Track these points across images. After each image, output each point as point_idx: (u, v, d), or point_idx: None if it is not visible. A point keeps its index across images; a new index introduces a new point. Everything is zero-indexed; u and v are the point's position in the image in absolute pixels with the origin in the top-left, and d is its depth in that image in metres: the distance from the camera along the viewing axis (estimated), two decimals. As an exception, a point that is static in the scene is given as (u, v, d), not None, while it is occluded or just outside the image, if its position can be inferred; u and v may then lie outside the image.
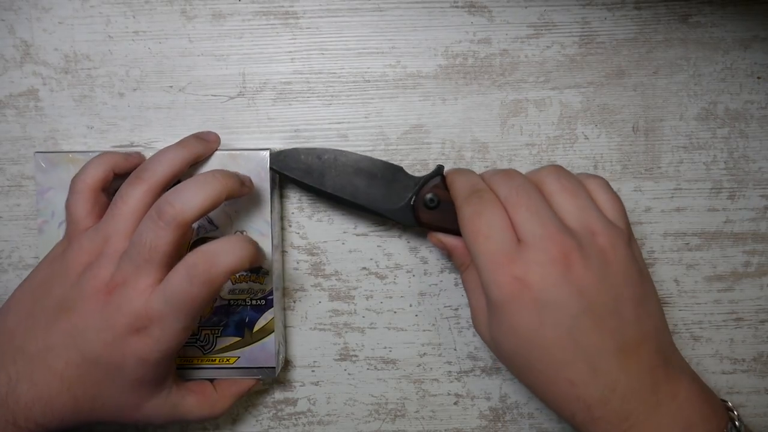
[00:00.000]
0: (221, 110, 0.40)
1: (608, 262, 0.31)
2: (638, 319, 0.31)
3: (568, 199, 0.33)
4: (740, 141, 0.41)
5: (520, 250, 0.31)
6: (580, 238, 0.31)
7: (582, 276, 0.30)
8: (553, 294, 0.30)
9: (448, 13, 0.40)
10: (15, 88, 0.40)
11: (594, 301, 0.30)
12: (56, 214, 0.38)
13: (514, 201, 0.32)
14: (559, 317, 0.30)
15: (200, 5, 0.40)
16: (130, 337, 0.32)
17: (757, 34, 0.40)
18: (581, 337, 0.30)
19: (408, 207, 0.37)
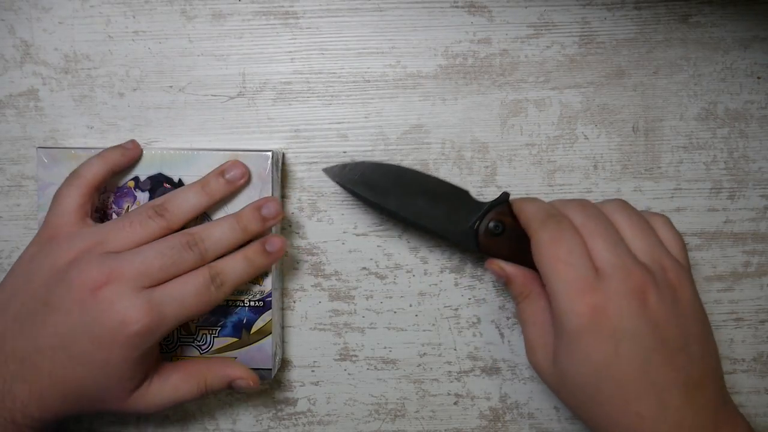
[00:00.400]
0: (221, 110, 0.40)
1: (678, 298, 0.32)
2: (703, 357, 0.32)
3: (638, 234, 0.33)
4: (740, 141, 0.41)
5: (600, 280, 0.31)
6: (653, 273, 0.32)
7: (657, 310, 0.31)
8: (630, 325, 0.31)
9: (448, 13, 0.40)
10: (15, 88, 0.40)
11: (667, 335, 0.31)
12: None
13: (592, 230, 0.32)
14: (635, 349, 0.31)
15: (200, 5, 0.40)
16: (118, 337, 0.32)
17: (757, 34, 0.40)
18: (654, 370, 0.31)
19: (471, 232, 0.36)
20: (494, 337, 0.42)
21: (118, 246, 0.33)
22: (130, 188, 0.38)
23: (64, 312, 0.32)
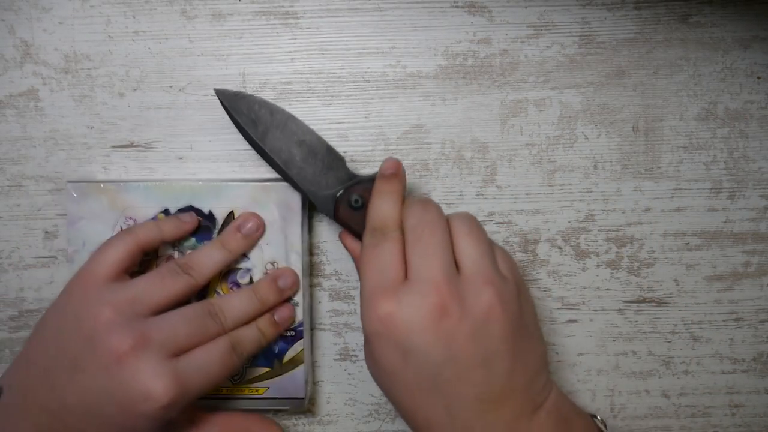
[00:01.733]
0: (221, 110, 0.40)
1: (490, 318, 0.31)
2: (510, 374, 0.31)
3: (472, 243, 0.33)
4: (740, 141, 0.41)
5: (400, 289, 0.31)
6: (465, 288, 0.31)
7: (454, 327, 0.30)
8: (417, 339, 0.30)
9: (448, 13, 0.40)
10: (15, 88, 0.40)
11: (461, 352, 0.30)
12: (87, 244, 0.38)
13: (416, 236, 0.32)
14: (423, 363, 0.31)
15: (200, 5, 0.40)
16: (142, 407, 0.31)
17: (757, 34, 0.40)
18: (443, 384, 0.31)
19: (331, 197, 0.37)
20: (494, 337, 0.42)
21: (149, 302, 0.33)
22: None
23: (91, 375, 0.32)
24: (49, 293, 0.41)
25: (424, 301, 0.30)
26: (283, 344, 0.38)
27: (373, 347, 0.32)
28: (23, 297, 0.41)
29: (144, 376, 0.31)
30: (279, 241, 0.38)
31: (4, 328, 0.41)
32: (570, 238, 0.41)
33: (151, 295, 0.33)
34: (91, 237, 0.37)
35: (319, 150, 0.37)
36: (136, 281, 0.34)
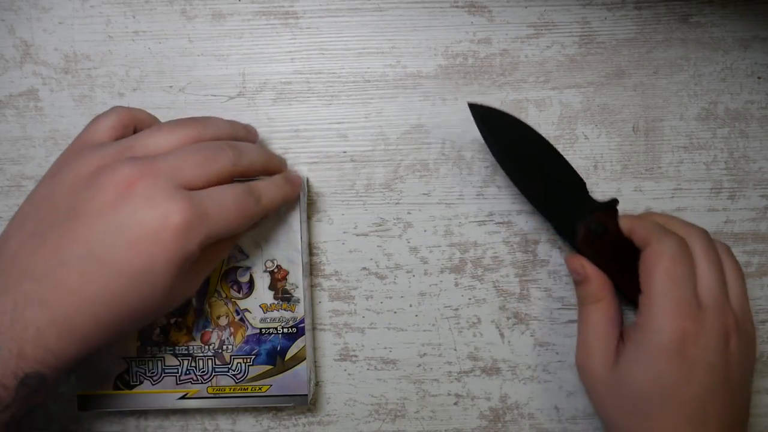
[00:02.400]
0: (221, 110, 0.40)
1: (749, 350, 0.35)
2: (745, 403, 0.35)
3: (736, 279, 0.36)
4: (740, 141, 0.41)
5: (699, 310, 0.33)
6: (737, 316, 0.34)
7: (732, 356, 0.33)
8: (711, 359, 0.33)
9: (448, 13, 0.40)
10: (15, 88, 0.40)
11: (732, 379, 0.33)
12: None
13: (710, 261, 0.34)
14: (707, 380, 0.33)
15: (200, 5, 0.40)
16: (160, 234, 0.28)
17: (757, 34, 0.40)
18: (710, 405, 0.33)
19: (572, 225, 0.37)
20: (494, 337, 0.42)
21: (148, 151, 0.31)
22: None
23: (94, 215, 0.28)
24: (49, 293, 0.41)
25: (720, 324, 0.33)
26: (285, 341, 0.38)
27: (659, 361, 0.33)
28: (23, 297, 0.41)
29: (159, 199, 0.28)
30: (278, 239, 0.38)
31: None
32: (570, 238, 0.41)
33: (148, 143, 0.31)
34: None
35: (563, 175, 0.38)
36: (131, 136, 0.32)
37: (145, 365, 0.38)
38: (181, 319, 0.38)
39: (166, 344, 0.38)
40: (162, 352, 0.38)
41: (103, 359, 0.38)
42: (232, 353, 0.38)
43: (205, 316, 0.38)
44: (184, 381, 0.38)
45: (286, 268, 0.38)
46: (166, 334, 0.38)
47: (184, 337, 0.38)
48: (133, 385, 0.38)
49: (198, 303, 0.38)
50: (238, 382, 0.38)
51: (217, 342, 0.38)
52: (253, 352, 0.38)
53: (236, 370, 0.38)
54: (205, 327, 0.38)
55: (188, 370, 0.38)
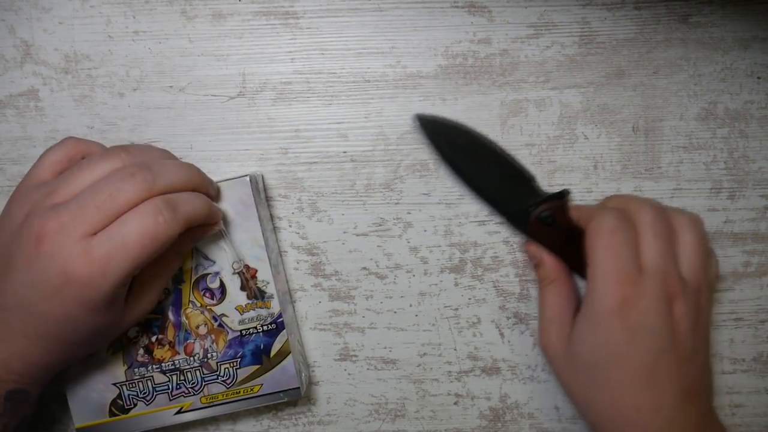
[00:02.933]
0: (221, 110, 0.40)
1: (700, 317, 0.35)
2: (704, 371, 0.35)
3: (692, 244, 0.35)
4: (740, 141, 0.41)
5: (640, 276, 0.33)
6: (686, 284, 0.34)
7: (679, 319, 0.34)
8: (652, 323, 0.33)
9: (448, 13, 0.40)
10: (15, 88, 0.40)
11: (682, 342, 0.33)
12: None
13: (652, 231, 0.35)
14: (649, 346, 0.33)
15: (200, 5, 0.40)
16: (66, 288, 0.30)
17: (757, 34, 0.40)
18: (660, 370, 0.33)
19: (524, 215, 0.38)
20: (494, 337, 0.42)
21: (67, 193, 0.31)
22: None
23: (19, 269, 0.31)
24: (49, 293, 0.41)
25: (661, 290, 0.33)
26: (266, 338, 0.38)
27: (604, 327, 0.33)
28: (23, 297, 0.41)
29: (59, 256, 0.30)
30: (240, 239, 0.38)
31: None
32: (570, 238, 0.41)
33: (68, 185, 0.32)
34: None
35: (510, 169, 0.40)
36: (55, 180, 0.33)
37: (135, 387, 0.38)
38: (162, 335, 0.38)
39: (152, 363, 0.38)
40: (150, 371, 0.38)
41: (94, 388, 0.38)
42: (217, 360, 0.38)
43: (184, 329, 0.38)
44: (177, 396, 0.39)
45: (254, 267, 0.38)
46: (150, 353, 0.38)
47: (169, 353, 0.38)
48: (128, 408, 0.38)
49: (175, 316, 0.38)
50: (229, 387, 0.38)
51: (201, 351, 0.38)
52: (237, 355, 0.38)
53: (225, 375, 0.38)
54: (187, 339, 0.38)
55: (178, 384, 0.38)
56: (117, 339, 0.38)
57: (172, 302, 0.38)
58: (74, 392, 0.38)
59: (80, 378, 0.38)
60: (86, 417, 0.38)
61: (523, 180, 0.40)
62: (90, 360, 0.38)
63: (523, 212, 0.39)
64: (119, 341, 0.38)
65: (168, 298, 0.38)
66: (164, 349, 0.38)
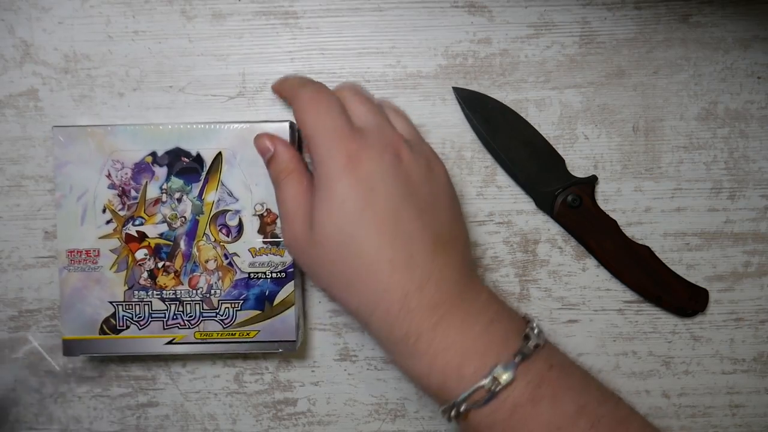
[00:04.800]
0: (221, 110, 0.40)
1: (431, 168, 0.34)
2: (451, 223, 0.34)
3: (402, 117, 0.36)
4: (740, 141, 0.41)
5: (358, 132, 0.33)
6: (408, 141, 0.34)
7: (409, 168, 0.33)
8: (384, 173, 0.32)
9: (448, 13, 0.40)
10: (15, 88, 0.40)
11: (417, 193, 0.33)
12: (74, 188, 0.38)
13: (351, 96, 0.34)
14: (388, 196, 0.32)
15: (200, 5, 0.40)
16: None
17: (757, 34, 0.40)
18: (405, 220, 0.32)
19: (551, 197, 0.40)
20: (494, 337, 0.42)
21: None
22: (147, 163, 0.38)
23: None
24: (49, 293, 0.41)
25: (383, 142, 0.33)
26: (273, 286, 0.38)
27: (338, 190, 0.32)
28: (23, 297, 0.41)
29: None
30: (267, 183, 0.37)
31: (4, 329, 0.41)
32: (570, 238, 0.41)
33: None
34: (78, 181, 0.38)
35: (542, 150, 0.40)
36: None
37: (131, 310, 0.38)
38: (170, 263, 0.38)
39: (153, 288, 0.38)
40: (149, 296, 0.38)
41: (90, 303, 0.38)
42: (220, 298, 0.38)
43: (193, 260, 0.38)
44: (171, 326, 0.38)
45: (275, 212, 0.38)
46: (154, 278, 0.38)
47: (172, 281, 0.38)
48: (119, 329, 0.38)
49: (186, 246, 0.38)
50: (226, 328, 0.38)
51: (206, 286, 0.38)
52: (241, 296, 0.38)
53: (224, 315, 0.38)
54: (194, 271, 0.38)
55: (175, 314, 0.38)
56: (123, 258, 0.38)
57: (186, 231, 0.38)
58: (68, 303, 0.38)
59: (77, 289, 0.38)
60: (75, 330, 0.38)
61: (553, 162, 0.40)
62: (91, 274, 0.38)
63: (551, 194, 0.40)
64: (125, 260, 0.38)
65: (183, 226, 0.38)
66: (168, 277, 0.38)
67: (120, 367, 0.41)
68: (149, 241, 0.38)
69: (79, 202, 0.38)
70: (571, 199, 0.40)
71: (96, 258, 0.38)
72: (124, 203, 0.38)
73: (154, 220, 0.38)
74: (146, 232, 0.38)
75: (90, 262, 0.38)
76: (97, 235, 0.38)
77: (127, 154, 0.38)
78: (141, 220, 0.38)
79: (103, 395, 0.42)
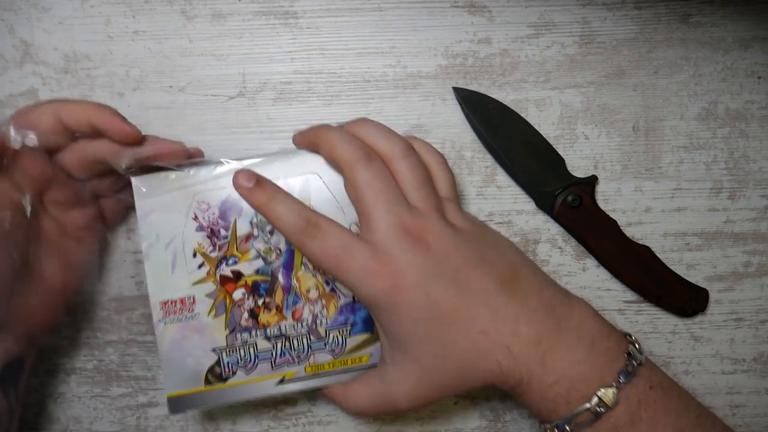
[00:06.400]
0: (221, 110, 0.40)
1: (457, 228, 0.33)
2: (501, 256, 0.34)
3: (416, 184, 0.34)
4: (740, 141, 0.41)
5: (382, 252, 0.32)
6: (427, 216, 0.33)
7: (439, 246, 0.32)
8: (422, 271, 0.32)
9: (448, 13, 0.40)
10: (15, 88, 0.40)
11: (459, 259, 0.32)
12: (161, 236, 0.35)
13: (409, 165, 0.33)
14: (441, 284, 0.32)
15: (200, 5, 0.40)
16: None
17: (757, 34, 0.40)
18: (468, 285, 0.32)
19: (551, 196, 0.40)
20: (494, 337, 0.42)
21: None
22: (234, 199, 0.35)
23: None
24: (49, 293, 0.41)
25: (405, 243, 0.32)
26: None
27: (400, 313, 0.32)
28: (23, 297, 0.41)
29: None
30: None
31: (4, 328, 0.41)
32: (570, 238, 0.41)
33: None
34: (164, 229, 0.35)
35: (542, 150, 0.40)
36: None
37: (236, 354, 0.36)
38: (269, 298, 0.36)
39: (256, 328, 0.36)
40: (253, 336, 0.36)
41: (191, 354, 0.35)
42: (327, 326, 0.36)
43: (294, 292, 0.36)
44: (280, 364, 0.36)
45: None
46: (255, 317, 0.36)
47: (275, 317, 0.36)
48: (226, 377, 0.36)
49: (285, 279, 0.36)
50: (337, 357, 0.36)
51: (310, 317, 0.36)
52: (348, 321, 0.36)
53: (333, 343, 0.36)
54: (296, 303, 0.36)
55: (283, 351, 0.36)
56: (220, 301, 0.36)
57: (283, 264, 0.36)
58: (169, 357, 0.35)
59: (176, 341, 0.35)
60: (179, 385, 0.35)
61: (553, 162, 0.40)
62: (189, 323, 0.35)
63: (551, 194, 0.40)
64: (222, 303, 0.36)
65: (279, 259, 0.36)
66: (271, 314, 0.36)
67: (120, 367, 0.41)
68: (246, 280, 0.36)
69: (167, 249, 0.35)
70: (571, 199, 0.40)
71: (192, 306, 0.35)
72: (215, 244, 0.35)
73: (248, 256, 0.36)
74: (241, 270, 0.36)
75: (186, 311, 0.35)
76: (190, 281, 0.35)
77: (212, 194, 0.35)
78: (235, 259, 0.36)
79: (103, 395, 0.42)
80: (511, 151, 0.40)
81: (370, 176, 0.32)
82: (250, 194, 0.33)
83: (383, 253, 0.32)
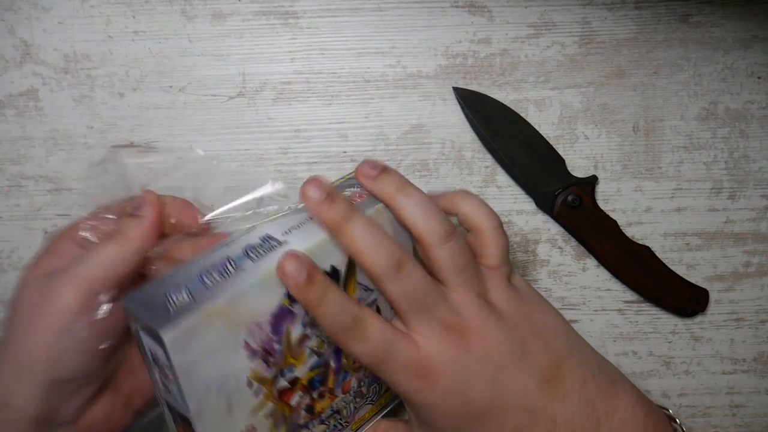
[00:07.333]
0: (221, 110, 0.40)
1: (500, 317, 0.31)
2: (546, 345, 0.32)
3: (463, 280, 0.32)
4: (740, 141, 0.41)
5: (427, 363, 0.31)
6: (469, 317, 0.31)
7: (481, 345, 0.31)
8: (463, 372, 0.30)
9: (448, 13, 0.40)
10: (15, 88, 0.40)
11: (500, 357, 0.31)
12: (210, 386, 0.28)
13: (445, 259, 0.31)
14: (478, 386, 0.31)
15: (200, 5, 0.40)
16: None
17: (757, 34, 0.40)
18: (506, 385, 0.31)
19: (551, 196, 0.40)
20: (494, 337, 0.42)
21: None
22: (285, 306, 0.30)
23: None
24: (49, 293, 0.41)
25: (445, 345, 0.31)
26: None
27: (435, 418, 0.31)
28: (23, 297, 0.41)
29: None
30: None
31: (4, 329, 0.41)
32: (570, 238, 0.41)
33: None
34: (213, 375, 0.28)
35: (542, 150, 0.41)
36: None
37: None
38: (323, 387, 0.33)
39: (312, 419, 0.33)
40: (311, 428, 0.33)
41: None
42: (369, 385, 0.35)
43: (343, 370, 0.34)
44: None
45: None
46: (312, 410, 0.33)
47: (328, 401, 0.34)
48: None
49: (335, 362, 0.33)
50: (375, 402, 0.36)
51: (356, 384, 0.35)
52: None
53: (372, 395, 0.36)
54: (345, 378, 0.34)
55: (335, 425, 0.35)
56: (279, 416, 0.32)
57: (333, 350, 0.33)
58: None
59: None
60: None
61: (553, 162, 0.40)
62: None
63: (551, 194, 0.40)
64: (281, 418, 0.32)
65: (330, 346, 0.32)
66: (324, 400, 0.33)
67: (120, 367, 0.41)
68: (301, 381, 0.32)
69: (219, 395, 0.29)
70: (571, 199, 0.40)
71: None
72: (269, 362, 0.30)
73: (303, 359, 0.32)
74: (297, 375, 0.32)
75: None
76: (247, 412, 0.30)
77: (262, 309, 0.29)
78: (291, 368, 0.31)
79: (103, 395, 0.42)
80: (511, 151, 0.40)
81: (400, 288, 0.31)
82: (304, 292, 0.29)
83: (424, 355, 0.31)
